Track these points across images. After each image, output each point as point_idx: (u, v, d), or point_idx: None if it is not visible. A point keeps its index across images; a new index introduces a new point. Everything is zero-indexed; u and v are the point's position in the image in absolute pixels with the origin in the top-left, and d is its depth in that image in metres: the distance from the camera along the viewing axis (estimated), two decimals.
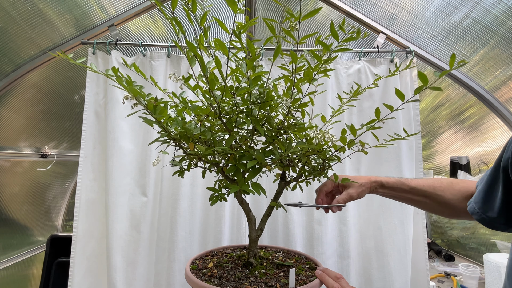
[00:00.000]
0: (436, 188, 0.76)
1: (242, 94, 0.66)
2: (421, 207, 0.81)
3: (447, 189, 0.75)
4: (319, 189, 0.83)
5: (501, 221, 0.60)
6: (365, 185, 0.79)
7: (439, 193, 0.75)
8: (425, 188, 0.77)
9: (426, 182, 0.78)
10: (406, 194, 0.79)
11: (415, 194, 0.78)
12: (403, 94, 0.62)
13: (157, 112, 0.62)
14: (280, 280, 0.73)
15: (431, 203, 0.77)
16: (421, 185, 0.78)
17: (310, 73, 0.66)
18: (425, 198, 0.77)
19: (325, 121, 0.81)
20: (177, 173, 0.79)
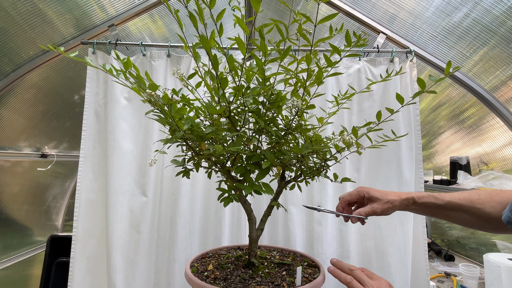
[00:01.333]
0: (474, 201, 0.70)
1: (254, 95, 0.66)
2: (459, 223, 0.73)
3: (486, 201, 0.69)
4: (342, 197, 0.79)
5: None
6: (393, 202, 0.74)
7: (478, 206, 0.69)
8: (462, 201, 0.70)
9: (462, 196, 0.71)
10: (441, 210, 0.72)
11: (451, 209, 0.71)
12: (402, 98, 0.63)
13: (173, 111, 0.61)
14: (285, 279, 0.73)
15: (470, 218, 0.70)
16: (456, 198, 0.71)
17: (320, 75, 0.66)
18: (463, 213, 0.70)
19: (322, 121, 0.81)
20: (181, 174, 0.78)
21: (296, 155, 0.71)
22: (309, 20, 0.60)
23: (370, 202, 0.75)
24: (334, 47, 0.63)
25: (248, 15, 1.54)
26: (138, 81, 0.62)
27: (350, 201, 0.78)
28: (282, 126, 0.76)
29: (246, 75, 0.67)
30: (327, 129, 1.32)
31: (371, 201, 0.75)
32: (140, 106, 1.35)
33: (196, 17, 0.56)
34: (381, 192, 0.75)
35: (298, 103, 0.67)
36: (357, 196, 0.78)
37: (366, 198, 0.77)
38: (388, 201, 0.73)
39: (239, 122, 0.74)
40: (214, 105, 0.68)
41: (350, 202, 0.78)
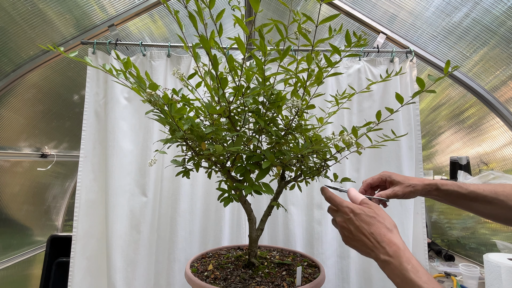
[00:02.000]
0: (498, 193, 0.69)
1: (254, 95, 0.66)
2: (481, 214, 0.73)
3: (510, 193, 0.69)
4: (365, 180, 0.79)
5: None
6: (415, 186, 0.73)
7: (502, 198, 0.68)
8: (486, 192, 0.70)
9: (486, 187, 0.71)
10: (464, 199, 0.72)
11: (474, 199, 0.71)
12: (402, 97, 0.63)
13: (173, 111, 0.61)
14: (285, 279, 0.73)
15: (492, 209, 0.70)
16: (481, 189, 0.71)
17: (320, 75, 0.66)
18: (486, 204, 0.70)
19: (322, 121, 0.81)
20: (181, 174, 0.78)
21: (296, 155, 0.71)
22: (310, 20, 0.60)
23: (392, 185, 0.75)
24: (334, 47, 0.63)
25: (248, 15, 1.54)
26: (138, 81, 0.62)
27: (372, 185, 0.78)
28: (282, 126, 0.76)
29: (246, 75, 0.67)
30: (327, 129, 1.32)
31: (393, 184, 0.75)
32: (140, 106, 1.35)
33: (196, 17, 0.56)
34: (404, 177, 0.75)
35: (298, 103, 0.67)
36: (379, 180, 0.77)
37: (388, 182, 0.77)
38: (410, 185, 0.73)
39: (239, 122, 0.74)
40: (214, 105, 0.68)
41: (372, 185, 0.78)
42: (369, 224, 0.58)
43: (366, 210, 0.59)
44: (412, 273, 0.49)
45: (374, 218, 0.58)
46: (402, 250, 0.53)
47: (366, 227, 0.58)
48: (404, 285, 0.50)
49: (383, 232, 0.55)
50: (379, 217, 0.58)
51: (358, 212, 0.60)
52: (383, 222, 0.57)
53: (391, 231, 0.56)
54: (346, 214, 0.61)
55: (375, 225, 0.57)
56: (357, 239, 0.58)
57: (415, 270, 0.49)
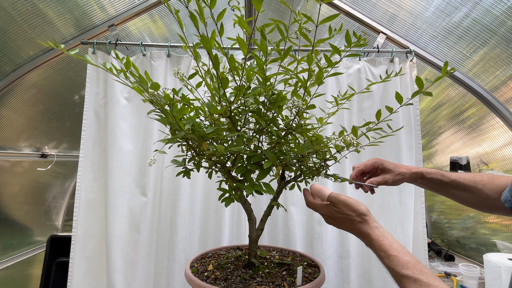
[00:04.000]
0: (476, 182, 0.75)
1: (255, 95, 0.66)
2: (459, 201, 0.79)
3: (487, 183, 0.74)
4: (357, 166, 0.82)
5: None
6: (404, 174, 0.78)
7: (479, 187, 0.74)
8: (466, 181, 0.76)
9: (466, 176, 0.77)
10: (446, 187, 0.78)
11: (455, 187, 0.77)
12: (402, 97, 0.63)
13: (175, 111, 0.61)
14: (286, 279, 0.73)
15: (469, 197, 0.76)
16: (461, 178, 0.76)
17: (321, 75, 0.66)
18: (465, 191, 0.76)
19: (322, 122, 0.81)
20: (181, 174, 0.78)
21: (296, 155, 0.71)
22: (310, 20, 0.60)
23: (383, 173, 0.80)
24: (334, 47, 0.63)
25: (248, 15, 1.54)
26: (139, 81, 0.62)
27: (364, 171, 0.81)
28: (283, 126, 0.76)
29: (246, 75, 0.67)
30: (327, 129, 1.32)
31: (384, 172, 0.79)
32: (140, 106, 1.35)
33: (197, 17, 0.56)
34: (394, 165, 0.80)
35: (299, 103, 0.67)
36: (372, 166, 0.81)
37: (379, 169, 0.81)
38: (400, 173, 0.78)
39: (239, 122, 0.74)
40: (214, 105, 0.68)
41: (364, 171, 0.82)
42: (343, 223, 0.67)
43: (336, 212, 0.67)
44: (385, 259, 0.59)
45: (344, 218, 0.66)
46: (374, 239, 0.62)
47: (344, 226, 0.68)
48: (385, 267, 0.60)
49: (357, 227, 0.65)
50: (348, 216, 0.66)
51: (332, 216, 0.68)
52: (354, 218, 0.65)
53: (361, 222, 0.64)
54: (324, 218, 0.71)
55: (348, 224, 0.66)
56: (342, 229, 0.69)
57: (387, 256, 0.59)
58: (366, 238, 0.63)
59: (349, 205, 0.66)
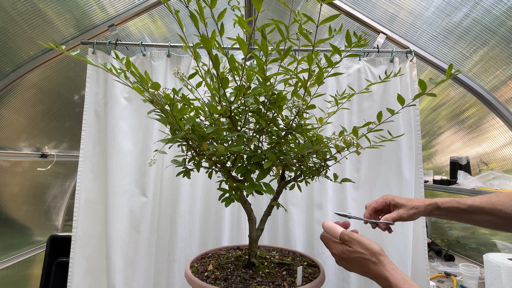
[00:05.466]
0: (494, 203, 0.73)
1: (255, 95, 0.66)
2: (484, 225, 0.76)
3: (506, 202, 0.72)
4: (369, 204, 0.82)
5: None
6: (419, 208, 0.76)
7: (499, 207, 0.72)
8: (483, 204, 0.73)
9: (482, 199, 0.75)
10: (466, 214, 0.75)
11: (474, 212, 0.74)
12: (403, 99, 0.63)
13: (175, 111, 0.61)
14: (286, 279, 0.73)
15: (493, 219, 0.73)
16: (478, 202, 0.74)
17: (321, 75, 0.66)
18: (485, 215, 0.73)
19: (322, 121, 0.81)
20: (181, 174, 0.78)
21: (296, 155, 0.71)
22: (310, 20, 0.60)
23: (395, 208, 0.78)
24: (334, 47, 0.63)
25: (248, 15, 1.54)
26: (139, 81, 0.62)
27: (376, 209, 0.80)
28: (283, 126, 0.76)
29: (246, 75, 0.67)
30: (327, 129, 1.32)
31: (397, 207, 0.78)
32: (140, 106, 1.35)
33: (197, 16, 0.56)
34: (406, 199, 0.78)
35: (299, 103, 0.67)
36: (383, 203, 0.80)
37: (392, 205, 0.79)
38: (413, 207, 0.76)
39: (239, 122, 0.74)
40: (214, 105, 0.68)
41: (376, 209, 0.80)
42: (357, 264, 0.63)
43: (349, 252, 0.64)
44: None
45: (359, 258, 0.62)
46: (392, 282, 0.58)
47: (358, 269, 0.63)
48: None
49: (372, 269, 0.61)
50: (362, 255, 0.62)
51: (344, 257, 0.65)
52: (368, 257, 0.62)
53: (377, 263, 0.61)
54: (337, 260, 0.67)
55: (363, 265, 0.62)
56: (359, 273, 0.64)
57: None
58: (384, 281, 0.59)
59: (362, 244, 0.63)
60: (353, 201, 1.35)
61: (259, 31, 0.62)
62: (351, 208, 1.34)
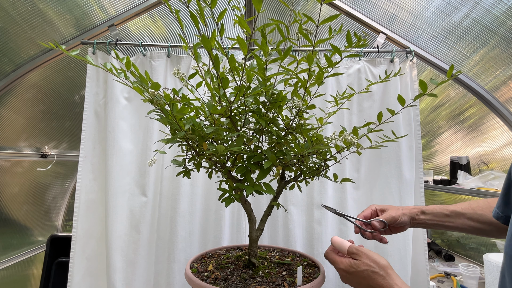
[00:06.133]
0: (475, 209, 0.75)
1: (255, 95, 0.66)
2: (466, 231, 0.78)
3: (486, 207, 0.75)
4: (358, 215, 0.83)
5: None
6: (404, 209, 0.79)
7: (480, 212, 0.75)
8: (465, 210, 0.76)
9: (463, 205, 0.78)
10: (448, 218, 0.78)
11: (457, 217, 0.77)
12: (404, 99, 0.63)
13: (175, 111, 0.61)
14: (286, 279, 0.73)
15: (474, 224, 0.75)
16: (459, 207, 0.77)
17: (321, 75, 0.66)
18: (468, 220, 0.76)
19: (322, 121, 0.81)
20: (181, 174, 0.78)
21: (297, 155, 0.71)
22: (310, 20, 0.60)
23: (383, 212, 0.81)
24: (335, 47, 0.63)
25: (248, 15, 1.54)
26: (139, 81, 0.62)
27: (366, 218, 0.81)
28: (283, 126, 0.76)
29: (247, 75, 0.67)
30: (327, 129, 1.32)
31: (385, 211, 0.80)
32: (140, 106, 1.35)
33: (197, 16, 0.56)
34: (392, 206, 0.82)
35: (299, 103, 0.67)
36: (371, 212, 0.82)
37: (379, 211, 0.82)
38: (400, 208, 0.79)
39: (239, 122, 0.74)
40: (214, 105, 0.68)
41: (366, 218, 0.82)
42: (364, 278, 0.62)
43: (356, 266, 0.64)
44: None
45: (366, 271, 0.62)
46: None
47: (365, 282, 0.63)
48: None
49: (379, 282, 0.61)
50: (370, 267, 0.62)
51: (352, 271, 0.64)
52: (376, 270, 0.62)
53: (385, 277, 0.61)
54: (342, 275, 0.66)
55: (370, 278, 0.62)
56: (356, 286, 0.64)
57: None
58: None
59: (371, 257, 0.64)
60: (353, 201, 1.35)
61: (259, 31, 0.62)
62: (351, 208, 1.34)
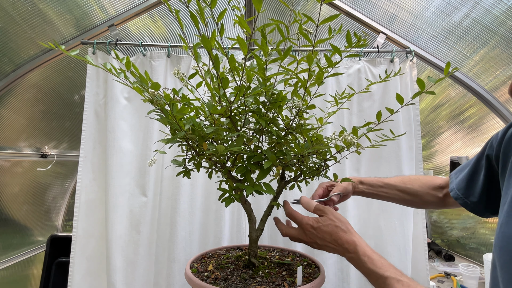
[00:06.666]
0: (405, 182, 0.87)
1: (255, 95, 0.66)
2: (396, 201, 0.90)
3: (414, 182, 0.86)
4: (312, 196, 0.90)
5: (481, 206, 0.70)
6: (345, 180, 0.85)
7: (409, 186, 0.86)
8: (397, 183, 0.87)
9: (397, 178, 0.89)
10: (382, 188, 0.88)
11: (390, 188, 0.88)
12: (402, 98, 0.63)
13: (175, 111, 0.61)
14: (286, 279, 0.73)
15: (403, 195, 0.87)
16: (393, 180, 0.89)
17: (321, 75, 0.66)
18: (398, 191, 0.87)
19: (322, 121, 0.81)
20: (181, 174, 0.78)
21: (296, 155, 0.71)
22: (310, 20, 0.60)
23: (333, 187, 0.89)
24: (335, 47, 0.63)
25: (248, 15, 1.54)
26: (139, 81, 0.62)
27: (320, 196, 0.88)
28: (283, 126, 0.76)
29: (247, 75, 0.67)
30: (327, 129, 1.32)
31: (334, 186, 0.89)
32: (140, 106, 1.35)
33: (197, 16, 0.56)
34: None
35: (299, 103, 0.67)
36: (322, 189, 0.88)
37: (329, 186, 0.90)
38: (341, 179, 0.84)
39: (239, 122, 0.74)
40: (214, 105, 0.68)
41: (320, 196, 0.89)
42: (329, 233, 0.67)
43: (323, 220, 0.69)
44: (369, 263, 0.60)
45: (331, 225, 0.68)
46: (358, 245, 0.63)
47: (328, 236, 0.67)
48: (366, 274, 0.61)
49: (342, 236, 0.66)
50: (334, 222, 0.68)
51: (317, 225, 0.69)
52: (339, 225, 0.67)
53: (346, 231, 0.66)
54: (307, 230, 0.70)
55: (333, 232, 0.67)
56: (324, 247, 0.69)
57: (370, 261, 0.60)
58: (351, 245, 0.64)
59: (334, 213, 0.70)
60: (353, 201, 1.35)
61: (259, 31, 0.62)
62: (351, 208, 1.34)
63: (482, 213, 0.71)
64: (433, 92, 0.61)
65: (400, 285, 0.55)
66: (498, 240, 0.55)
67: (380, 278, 0.58)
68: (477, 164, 0.72)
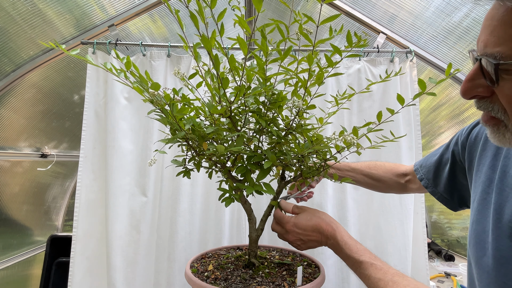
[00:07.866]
0: (370, 168, 0.93)
1: (255, 95, 0.66)
2: (361, 184, 0.95)
3: (379, 167, 0.92)
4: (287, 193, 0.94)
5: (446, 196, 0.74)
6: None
7: (373, 171, 0.92)
8: (363, 168, 0.93)
9: (363, 164, 0.95)
10: (349, 172, 0.94)
11: (356, 173, 0.93)
12: (403, 98, 0.63)
13: (175, 111, 0.61)
14: (286, 279, 0.73)
15: (368, 180, 0.92)
16: (359, 165, 0.95)
17: (321, 75, 0.66)
18: (364, 176, 0.93)
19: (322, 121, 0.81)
20: (181, 174, 0.78)
21: (296, 155, 0.71)
22: (311, 20, 0.60)
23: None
24: (335, 47, 0.63)
25: (248, 15, 1.54)
26: (140, 81, 0.62)
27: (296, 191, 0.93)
28: (283, 126, 0.76)
29: (247, 75, 0.67)
30: (327, 129, 1.32)
31: None
32: (140, 106, 1.35)
33: (197, 16, 0.56)
34: None
35: (299, 103, 0.67)
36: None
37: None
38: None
39: (239, 122, 0.74)
40: (214, 105, 0.68)
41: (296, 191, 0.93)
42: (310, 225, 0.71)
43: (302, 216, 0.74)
44: (346, 249, 0.65)
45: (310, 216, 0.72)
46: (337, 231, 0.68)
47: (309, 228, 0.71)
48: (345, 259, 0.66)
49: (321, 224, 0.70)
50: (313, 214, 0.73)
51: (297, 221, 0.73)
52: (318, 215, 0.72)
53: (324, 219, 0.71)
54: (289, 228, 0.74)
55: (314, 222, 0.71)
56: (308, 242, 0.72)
57: (347, 246, 0.65)
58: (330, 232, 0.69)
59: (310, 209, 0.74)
60: (353, 201, 1.35)
61: (259, 31, 0.62)
62: (351, 209, 1.34)
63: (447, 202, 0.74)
64: (434, 93, 0.61)
65: (373, 268, 0.58)
66: (471, 237, 0.58)
67: (356, 262, 0.62)
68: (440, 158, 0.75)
